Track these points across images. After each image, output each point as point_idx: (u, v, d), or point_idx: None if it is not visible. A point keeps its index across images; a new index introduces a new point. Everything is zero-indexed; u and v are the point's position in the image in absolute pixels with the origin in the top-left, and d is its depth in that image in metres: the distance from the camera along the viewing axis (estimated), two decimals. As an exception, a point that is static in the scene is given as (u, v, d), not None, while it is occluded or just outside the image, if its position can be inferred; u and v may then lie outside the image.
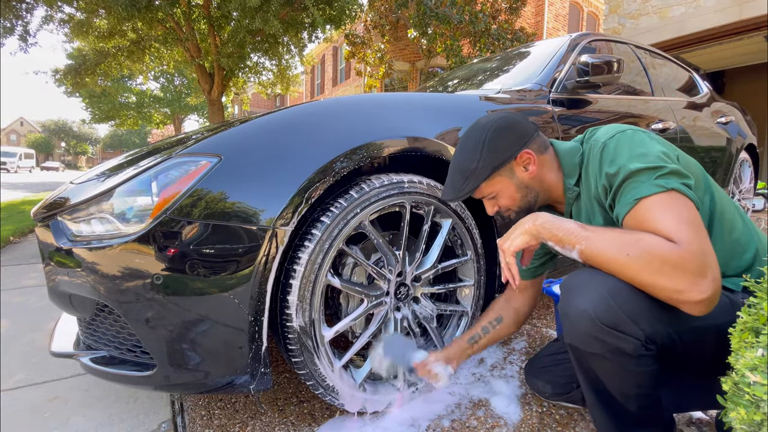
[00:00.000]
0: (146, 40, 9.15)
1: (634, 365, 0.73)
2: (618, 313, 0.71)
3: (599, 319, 0.71)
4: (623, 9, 6.10)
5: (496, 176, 0.90)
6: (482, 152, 0.88)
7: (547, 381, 1.09)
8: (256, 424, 1.10)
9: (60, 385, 1.31)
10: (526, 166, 0.91)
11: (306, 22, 8.16)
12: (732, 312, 0.73)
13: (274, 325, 0.99)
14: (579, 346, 0.77)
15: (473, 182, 0.89)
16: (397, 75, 10.58)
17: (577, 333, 0.76)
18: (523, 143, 0.89)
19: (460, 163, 0.92)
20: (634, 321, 0.71)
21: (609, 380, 0.77)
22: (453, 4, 7.44)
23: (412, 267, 1.15)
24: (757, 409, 0.49)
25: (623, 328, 0.71)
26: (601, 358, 0.75)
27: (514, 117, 0.92)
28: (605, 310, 0.71)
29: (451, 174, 0.93)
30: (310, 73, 18.75)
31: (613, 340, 0.71)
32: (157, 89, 19.87)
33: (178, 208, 0.84)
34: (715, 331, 0.73)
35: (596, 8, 13.22)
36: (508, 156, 0.89)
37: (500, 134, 0.89)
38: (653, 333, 0.72)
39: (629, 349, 0.71)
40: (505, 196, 0.93)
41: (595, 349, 0.74)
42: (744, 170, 2.97)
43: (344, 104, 1.09)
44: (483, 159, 0.88)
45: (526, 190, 0.92)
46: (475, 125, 0.93)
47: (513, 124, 0.91)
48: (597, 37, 1.99)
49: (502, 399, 1.18)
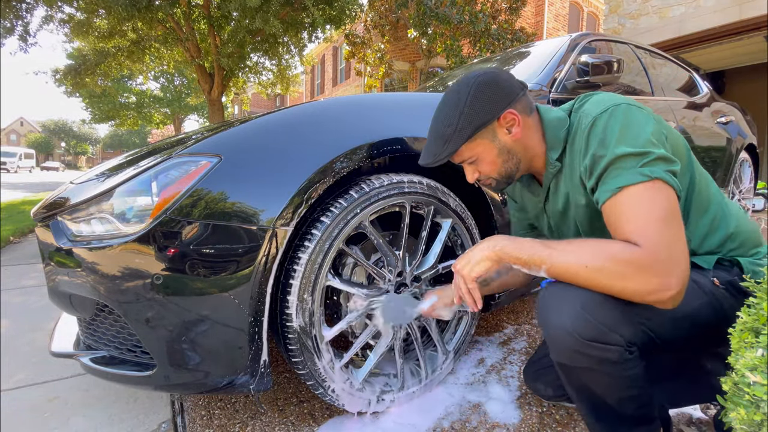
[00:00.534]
0: (146, 40, 9.15)
1: (621, 370, 0.73)
2: (596, 326, 0.70)
3: (579, 335, 0.71)
4: (623, 9, 6.10)
5: (477, 138, 0.83)
6: (463, 111, 0.80)
7: (548, 384, 1.07)
8: (256, 424, 1.10)
9: (60, 385, 1.31)
10: (510, 128, 0.83)
11: (306, 22, 8.16)
12: (700, 295, 0.75)
13: (274, 325, 0.99)
14: (565, 362, 0.77)
15: (453, 145, 0.82)
16: (397, 75, 10.58)
17: (561, 350, 0.75)
18: (507, 102, 0.81)
19: (439, 124, 0.84)
20: (612, 330, 0.71)
21: (600, 390, 0.77)
22: (453, 4, 7.44)
23: (412, 267, 1.15)
24: (757, 409, 0.49)
25: (604, 339, 0.71)
26: (589, 370, 0.75)
27: (499, 72, 0.84)
28: (583, 325, 0.71)
29: (430, 136, 0.87)
30: (310, 73, 18.75)
31: (597, 352, 0.71)
32: (157, 89, 19.87)
33: (178, 208, 0.84)
34: (689, 318, 0.74)
35: (596, 8, 13.22)
36: (491, 116, 0.81)
37: (483, 91, 0.80)
38: (632, 335, 0.72)
39: (614, 357, 0.72)
40: (486, 161, 0.86)
41: (581, 363, 0.74)
42: (744, 170, 2.97)
43: (344, 104, 1.09)
44: (463, 119, 0.80)
45: (508, 155, 0.85)
46: (457, 81, 0.85)
47: (497, 80, 0.82)
48: (597, 37, 1.99)
49: (502, 399, 1.18)
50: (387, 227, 1.28)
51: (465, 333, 1.30)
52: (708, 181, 0.86)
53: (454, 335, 1.30)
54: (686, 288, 0.67)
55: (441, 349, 1.25)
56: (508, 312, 1.86)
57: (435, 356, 1.26)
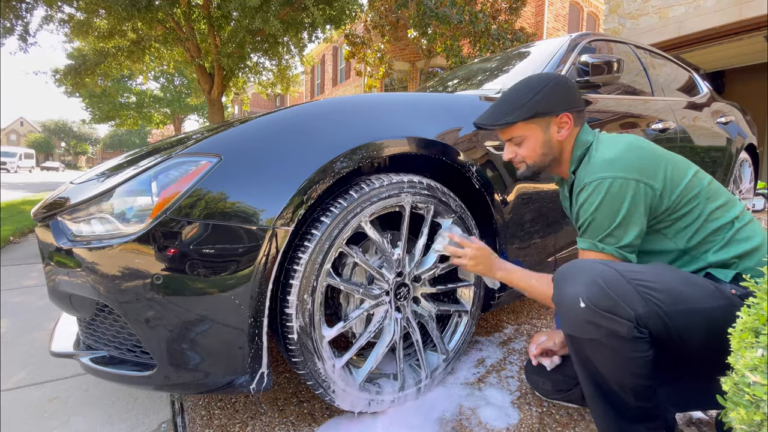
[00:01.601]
0: (146, 40, 9.15)
1: (630, 350, 0.75)
2: (610, 296, 0.75)
3: (592, 302, 0.75)
4: (623, 9, 6.09)
5: (533, 122, 0.99)
6: (537, 94, 0.97)
7: (548, 378, 1.10)
8: (256, 424, 1.10)
9: (60, 385, 1.31)
10: (561, 128, 1.00)
11: (306, 22, 8.15)
12: (719, 297, 0.79)
13: (274, 325, 0.99)
14: (575, 334, 0.79)
15: (514, 117, 0.98)
16: (397, 75, 10.57)
17: (572, 320, 0.79)
18: (570, 107, 0.99)
19: (512, 95, 1.01)
20: (625, 303, 0.74)
21: (606, 367, 0.79)
22: (453, 4, 7.44)
23: (412, 267, 1.15)
24: (757, 409, 0.49)
25: (616, 310, 0.74)
26: (597, 343, 0.77)
27: (570, 83, 1.02)
28: (597, 294, 0.75)
29: (497, 102, 1.03)
30: (310, 73, 18.74)
31: (607, 323, 0.74)
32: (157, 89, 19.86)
33: (178, 208, 0.84)
34: (704, 314, 0.77)
35: (596, 8, 13.22)
36: (555, 109, 0.98)
37: (559, 88, 0.99)
38: (644, 314, 0.75)
39: (623, 332, 0.74)
40: (529, 146, 1.02)
41: (590, 334, 0.77)
42: (744, 170, 2.97)
43: (344, 104, 1.08)
44: (535, 100, 0.97)
45: (548, 149, 1.01)
46: (544, 73, 1.04)
47: (573, 88, 1.01)
48: (597, 37, 1.99)
49: (502, 399, 1.18)
50: (387, 227, 1.28)
51: (465, 333, 1.30)
52: (727, 206, 0.91)
53: (453, 335, 1.30)
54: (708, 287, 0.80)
55: (441, 349, 1.25)
56: (508, 312, 1.86)
57: (435, 356, 1.26)
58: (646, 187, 0.87)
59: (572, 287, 0.79)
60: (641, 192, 0.87)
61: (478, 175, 1.21)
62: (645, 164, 0.88)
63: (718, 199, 0.91)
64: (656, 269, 0.83)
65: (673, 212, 0.90)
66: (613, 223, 0.89)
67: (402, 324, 1.15)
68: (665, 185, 0.88)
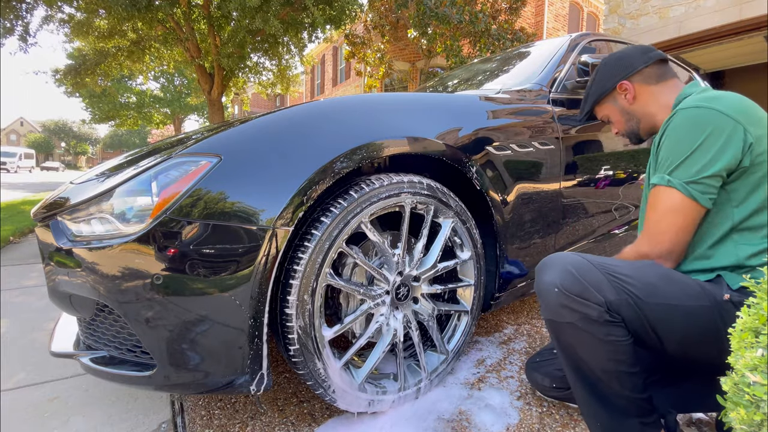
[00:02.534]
0: (146, 40, 9.15)
1: (603, 333, 0.79)
2: (581, 282, 0.80)
3: (565, 288, 0.80)
4: (623, 9, 6.09)
5: (603, 103, 1.12)
6: (594, 81, 1.12)
7: (546, 374, 1.11)
8: (256, 424, 1.10)
9: (60, 385, 1.31)
10: (625, 95, 1.07)
11: (306, 22, 8.15)
12: (702, 298, 0.79)
13: (274, 325, 0.99)
14: (552, 318, 0.84)
15: (587, 105, 1.15)
16: (397, 75, 10.57)
17: (548, 305, 0.84)
18: (623, 75, 1.05)
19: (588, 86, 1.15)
20: (595, 289, 0.79)
21: (585, 352, 0.82)
22: (453, 4, 7.43)
23: (412, 267, 1.15)
24: (757, 409, 0.49)
25: (586, 295, 0.79)
26: (573, 327, 0.81)
27: (626, 50, 1.08)
28: (570, 280, 0.81)
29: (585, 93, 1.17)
30: (310, 73, 18.74)
31: (579, 306, 0.79)
32: (157, 89, 19.86)
33: (178, 208, 0.84)
34: (682, 312, 0.79)
35: (596, 8, 13.21)
36: (609, 86, 1.08)
37: (605, 67, 1.10)
38: (615, 301, 0.78)
39: (594, 315, 0.78)
40: (615, 120, 1.13)
41: (565, 318, 0.81)
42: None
43: (344, 104, 1.08)
44: (593, 87, 1.12)
45: (628, 116, 1.09)
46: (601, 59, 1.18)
47: (620, 57, 1.07)
48: (597, 37, 1.99)
49: (502, 399, 1.18)
50: (387, 227, 1.28)
51: (465, 333, 1.30)
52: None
53: (453, 335, 1.30)
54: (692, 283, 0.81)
55: (441, 349, 1.25)
56: (508, 312, 1.86)
57: (435, 356, 1.26)
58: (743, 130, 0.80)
59: (548, 275, 0.84)
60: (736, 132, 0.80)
61: (477, 175, 1.21)
62: (747, 111, 0.82)
63: None
64: (636, 264, 0.86)
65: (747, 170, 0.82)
66: (690, 149, 0.82)
67: (402, 324, 1.15)
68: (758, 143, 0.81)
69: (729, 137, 0.80)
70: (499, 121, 1.33)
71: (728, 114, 0.81)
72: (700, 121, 0.82)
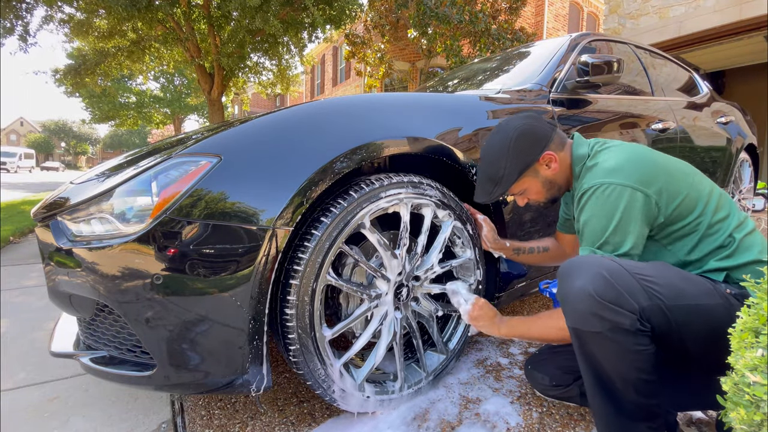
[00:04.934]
0: (146, 40, 9.14)
1: (632, 343, 0.76)
2: (615, 288, 0.76)
3: (598, 294, 0.76)
4: (623, 9, 6.10)
5: (523, 178, 1.03)
6: (508, 159, 1.00)
7: (546, 373, 1.11)
8: (256, 424, 1.10)
9: (60, 385, 1.31)
10: (549, 165, 1.02)
11: (306, 22, 8.15)
12: (715, 296, 0.81)
13: (274, 325, 0.99)
14: (579, 327, 0.80)
15: (503, 187, 1.02)
16: (397, 75, 10.57)
17: (577, 312, 0.80)
18: (543, 146, 1.00)
19: (488, 170, 1.03)
20: (630, 295, 0.76)
21: (608, 361, 0.79)
22: (453, 4, 7.43)
23: (412, 267, 1.15)
24: (757, 409, 0.49)
25: (620, 302, 0.76)
26: (601, 337, 0.78)
27: (533, 122, 1.03)
28: (603, 285, 0.77)
29: (481, 180, 1.05)
30: (310, 73, 18.74)
31: (611, 315, 0.76)
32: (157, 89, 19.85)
33: (178, 208, 0.84)
34: (703, 311, 0.79)
35: (596, 8, 13.21)
36: (531, 159, 1.00)
37: (522, 140, 1.00)
38: (648, 308, 0.76)
39: (627, 324, 0.75)
40: (534, 192, 1.06)
41: (594, 327, 0.77)
42: (744, 170, 2.97)
43: (344, 104, 1.08)
44: (509, 165, 1.00)
45: (550, 185, 1.05)
46: (498, 133, 1.04)
47: (533, 128, 1.01)
48: (597, 37, 1.99)
49: (502, 399, 1.18)
50: (387, 227, 1.28)
51: (465, 333, 1.30)
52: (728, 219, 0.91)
53: (453, 336, 1.30)
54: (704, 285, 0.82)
55: (441, 349, 1.25)
56: (508, 312, 1.86)
57: (435, 356, 1.26)
58: (642, 195, 0.87)
59: (578, 280, 0.79)
60: (638, 199, 0.87)
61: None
62: (643, 174, 0.88)
63: (719, 212, 0.90)
64: (656, 266, 0.85)
65: (670, 225, 0.90)
66: (607, 229, 0.89)
67: (402, 324, 1.15)
68: (661, 197, 0.88)
69: (639, 209, 0.87)
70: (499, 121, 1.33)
71: (631, 185, 0.87)
72: (610, 201, 0.88)
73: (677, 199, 0.89)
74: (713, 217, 0.90)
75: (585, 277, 0.79)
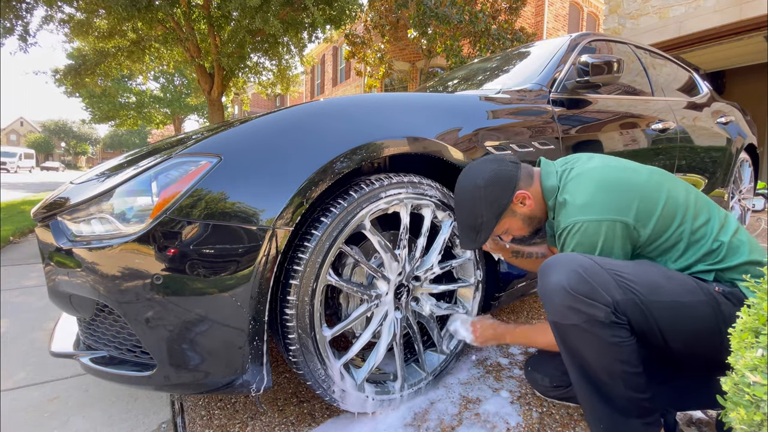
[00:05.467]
0: (146, 40, 9.14)
1: (609, 335, 0.79)
2: (588, 283, 0.80)
3: (572, 288, 0.80)
4: (623, 9, 6.10)
5: (503, 220, 1.04)
6: (482, 208, 1.02)
7: (546, 374, 1.11)
8: (256, 424, 1.10)
9: (60, 385, 1.31)
10: (523, 202, 1.03)
11: (306, 22, 8.15)
12: (699, 293, 0.82)
13: (274, 325, 0.99)
14: (558, 320, 0.84)
15: (485, 233, 1.04)
16: (397, 75, 10.57)
17: (554, 306, 0.84)
18: (513, 187, 1.02)
19: (467, 221, 1.05)
20: (603, 289, 0.80)
21: (590, 354, 0.82)
22: (453, 4, 7.43)
23: (412, 267, 1.15)
24: (757, 409, 0.49)
25: (594, 296, 0.79)
26: (579, 329, 0.81)
27: (496, 166, 1.03)
28: (577, 280, 0.81)
29: (463, 229, 1.08)
30: (310, 73, 18.74)
31: (585, 308, 0.79)
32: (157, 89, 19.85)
33: (178, 208, 0.84)
34: (686, 309, 0.81)
35: (596, 8, 13.21)
36: (505, 203, 1.02)
37: (492, 188, 1.01)
38: (622, 301, 0.79)
39: (601, 316, 0.78)
40: (516, 229, 1.08)
41: (571, 320, 0.81)
42: (744, 170, 2.97)
43: (344, 104, 1.08)
44: (486, 213, 1.02)
45: (530, 220, 1.06)
46: (465, 184, 1.04)
47: (499, 174, 1.02)
48: (597, 37, 1.99)
49: (502, 399, 1.18)
50: (387, 227, 1.28)
51: (465, 333, 1.30)
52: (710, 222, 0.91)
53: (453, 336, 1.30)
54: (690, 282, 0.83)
55: (441, 349, 1.25)
56: (508, 312, 1.86)
57: (435, 356, 1.26)
58: (621, 224, 0.88)
59: (554, 276, 0.84)
60: (616, 229, 0.88)
61: (478, 175, 1.21)
62: (616, 202, 0.89)
63: (699, 218, 0.90)
64: (637, 264, 0.87)
65: (653, 241, 0.90)
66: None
67: (402, 324, 1.15)
68: (639, 220, 0.88)
69: (619, 237, 0.88)
70: (499, 121, 1.33)
71: (607, 219, 0.88)
72: (588, 236, 0.90)
73: (655, 215, 0.89)
74: (694, 224, 0.90)
75: (561, 273, 0.83)
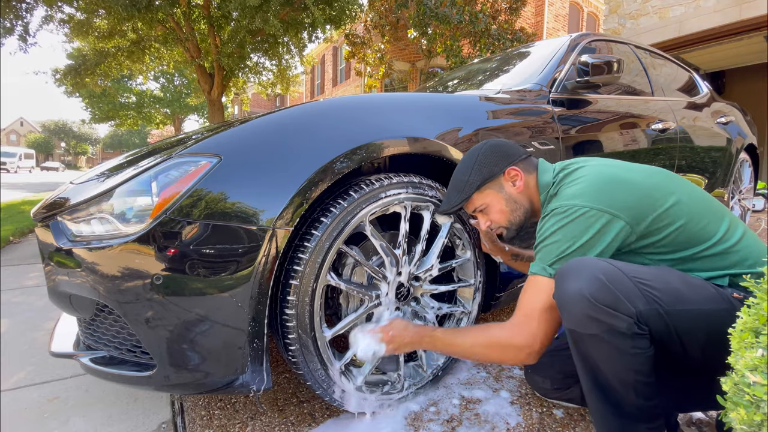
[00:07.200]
0: (146, 40, 9.15)
1: (629, 345, 0.75)
2: (612, 292, 0.75)
3: (594, 297, 0.75)
4: (623, 9, 6.10)
5: (486, 188, 1.02)
6: (474, 166, 1.01)
7: (546, 376, 1.10)
8: (256, 424, 1.10)
9: (60, 385, 1.31)
10: (514, 182, 1.01)
11: (306, 22, 8.16)
12: (719, 300, 0.79)
13: (274, 325, 0.99)
14: (576, 329, 0.79)
15: (465, 193, 1.01)
16: (397, 75, 10.57)
17: (573, 315, 0.79)
18: (510, 161, 1.01)
19: (455, 179, 1.04)
20: (627, 299, 0.75)
21: (605, 363, 0.79)
22: (453, 4, 7.44)
23: (412, 267, 1.15)
24: (757, 409, 0.49)
25: (617, 306, 0.74)
26: (598, 339, 0.77)
27: (507, 142, 1.06)
28: (599, 289, 0.75)
29: (449, 190, 1.06)
30: (310, 73, 18.75)
31: (607, 318, 0.75)
32: (157, 89, 19.87)
33: (178, 208, 0.84)
34: (706, 316, 0.77)
35: (596, 8, 13.22)
36: (497, 171, 1.00)
37: (491, 152, 1.02)
38: (645, 312, 0.75)
39: (623, 327, 0.74)
40: (496, 210, 1.03)
41: (591, 329, 0.76)
42: (744, 170, 2.97)
43: (344, 104, 1.08)
44: (474, 172, 1.01)
45: (514, 205, 1.02)
46: (472, 148, 1.06)
47: (503, 144, 1.04)
48: (597, 37, 1.99)
49: (502, 399, 1.18)
50: (387, 227, 1.28)
51: (465, 333, 1.30)
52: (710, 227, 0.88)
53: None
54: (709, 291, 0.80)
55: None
56: (508, 312, 1.86)
57: (435, 356, 1.26)
58: (616, 219, 0.84)
59: (574, 283, 0.78)
60: (613, 225, 0.85)
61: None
62: (608, 196, 0.86)
63: (704, 219, 0.87)
64: (657, 270, 0.83)
65: (651, 239, 0.87)
66: (571, 247, 0.86)
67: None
68: (633, 216, 0.85)
69: (607, 231, 0.85)
70: (499, 122, 1.33)
71: (602, 209, 0.85)
72: (580, 221, 0.86)
73: (651, 216, 0.85)
74: (698, 226, 0.86)
75: (581, 279, 0.78)
